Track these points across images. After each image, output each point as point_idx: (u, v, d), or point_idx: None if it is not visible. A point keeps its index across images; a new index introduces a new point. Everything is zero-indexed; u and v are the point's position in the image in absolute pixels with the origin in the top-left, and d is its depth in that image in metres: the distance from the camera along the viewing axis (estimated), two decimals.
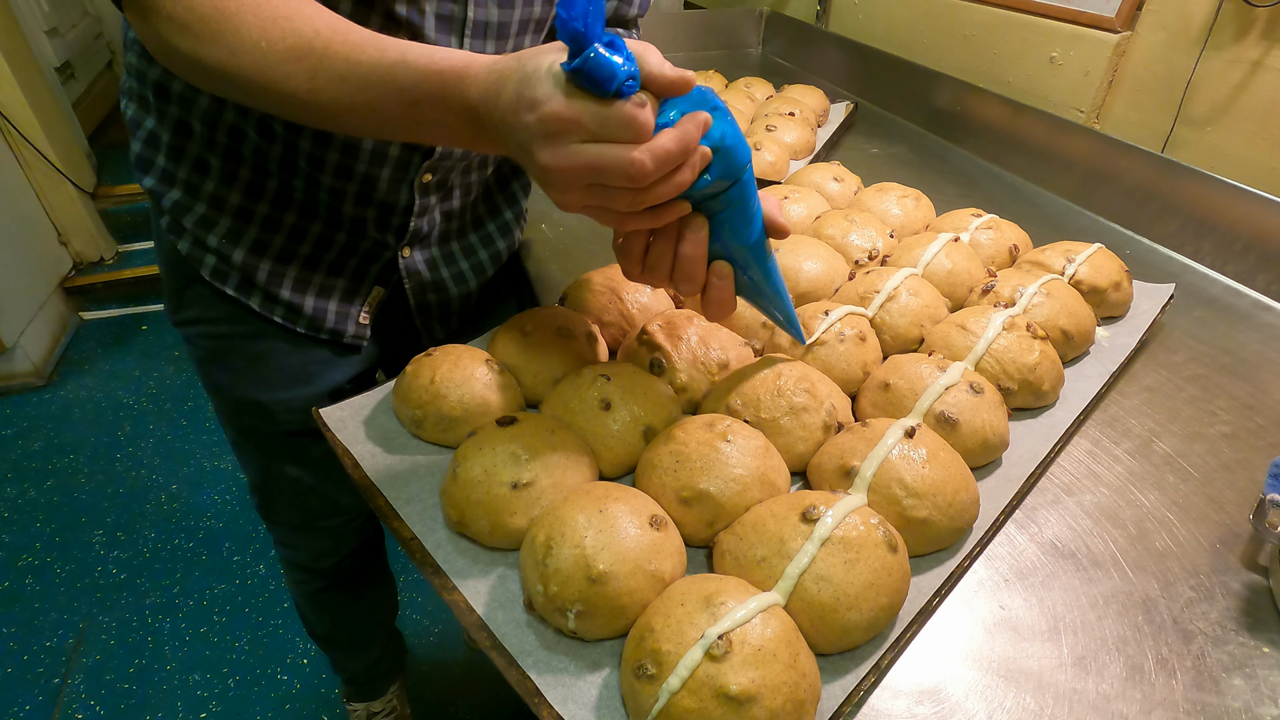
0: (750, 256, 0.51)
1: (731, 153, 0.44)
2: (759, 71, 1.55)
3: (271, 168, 0.64)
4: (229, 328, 0.70)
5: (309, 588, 0.97)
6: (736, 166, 0.45)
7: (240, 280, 0.67)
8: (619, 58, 0.38)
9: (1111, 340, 0.72)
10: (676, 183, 0.42)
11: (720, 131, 0.44)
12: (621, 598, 0.43)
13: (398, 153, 0.63)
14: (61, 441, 1.86)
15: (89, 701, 1.31)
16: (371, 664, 1.15)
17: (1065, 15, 1.13)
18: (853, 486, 0.50)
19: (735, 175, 0.45)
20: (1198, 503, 0.57)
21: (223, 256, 0.66)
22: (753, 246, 0.50)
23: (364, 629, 1.10)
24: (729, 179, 0.45)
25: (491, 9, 0.59)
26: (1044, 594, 0.49)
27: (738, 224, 0.48)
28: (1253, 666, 0.45)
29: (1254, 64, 0.92)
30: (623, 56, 0.39)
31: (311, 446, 0.77)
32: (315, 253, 0.68)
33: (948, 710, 0.43)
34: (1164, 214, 0.94)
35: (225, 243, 0.65)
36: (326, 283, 0.70)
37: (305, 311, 0.69)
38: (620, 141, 0.40)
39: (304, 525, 0.88)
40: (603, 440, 0.54)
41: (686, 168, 0.42)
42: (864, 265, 0.76)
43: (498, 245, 0.81)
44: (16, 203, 2.11)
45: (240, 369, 0.72)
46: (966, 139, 1.23)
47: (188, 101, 0.61)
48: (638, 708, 0.39)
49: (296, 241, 0.67)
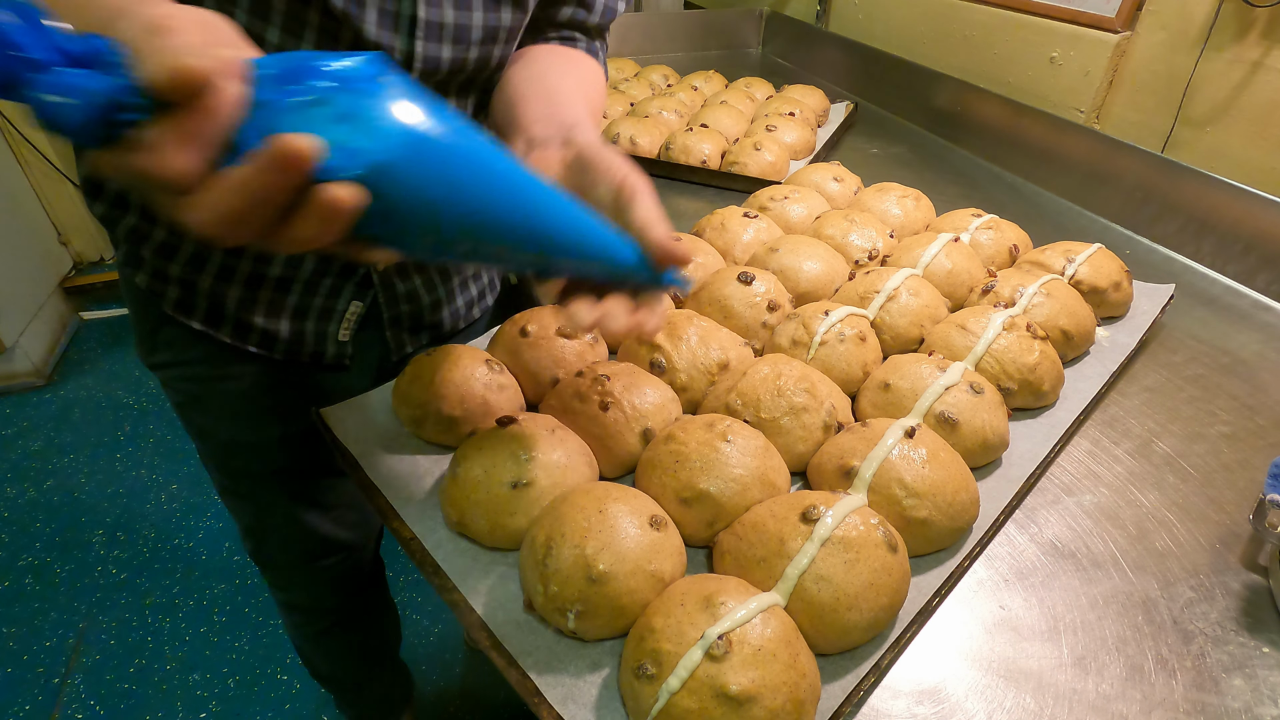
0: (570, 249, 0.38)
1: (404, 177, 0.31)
2: (759, 71, 1.55)
3: None
4: (206, 369, 0.66)
5: (310, 629, 0.94)
6: (367, 149, 0.30)
7: (208, 310, 0.63)
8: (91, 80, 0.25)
9: (1111, 340, 0.72)
10: (295, 240, 0.31)
11: (379, 150, 0.30)
12: (621, 598, 0.43)
13: None
14: (61, 441, 1.86)
15: (89, 701, 1.31)
16: (379, 699, 1.12)
17: (1065, 15, 1.13)
18: (853, 486, 0.50)
19: (370, 158, 0.30)
20: (1198, 503, 0.57)
21: (186, 286, 0.61)
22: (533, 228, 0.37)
23: (368, 666, 1.06)
24: (369, 161, 0.30)
25: (447, 10, 0.54)
26: (1044, 594, 0.49)
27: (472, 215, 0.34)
28: (1253, 666, 0.45)
29: (1254, 64, 0.92)
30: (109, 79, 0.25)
31: (306, 482, 0.74)
32: (286, 273, 0.63)
33: (948, 710, 0.43)
34: (1164, 214, 0.94)
35: (189, 270, 0.61)
36: (301, 303, 0.65)
37: (282, 336, 0.65)
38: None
39: (302, 565, 0.84)
40: (603, 440, 0.54)
41: (310, 220, 0.30)
42: (864, 265, 0.76)
43: (470, 290, 0.78)
44: (16, 203, 2.11)
45: (222, 410, 0.69)
46: (966, 139, 1.23)
47: None
48: (638, 708, 0.39)
49: (264, 264, 0.62)
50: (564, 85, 0.58)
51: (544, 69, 0.61)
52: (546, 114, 0.52)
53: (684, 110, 1.23)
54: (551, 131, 0.50)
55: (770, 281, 0.68)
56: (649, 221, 0.42)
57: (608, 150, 0.46)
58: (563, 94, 0.56)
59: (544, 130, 0.50)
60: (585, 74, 0.63)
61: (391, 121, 0.30)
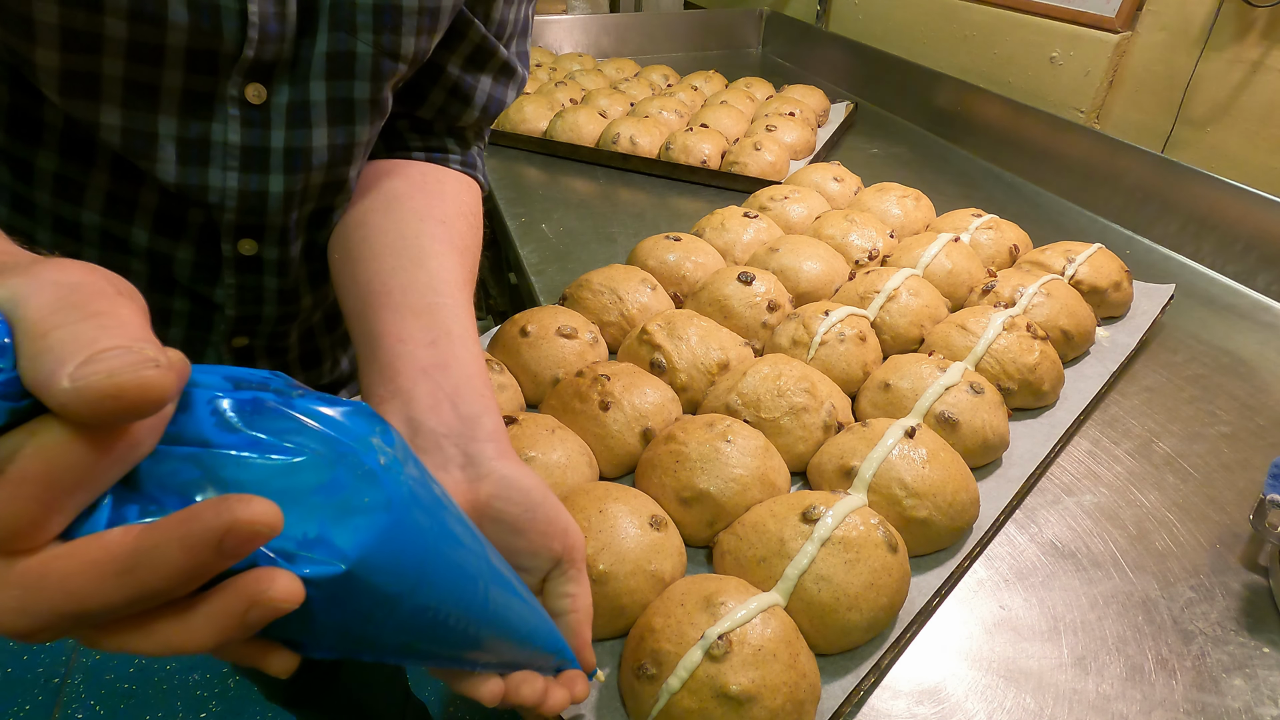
0: (476, 642, 0.29)
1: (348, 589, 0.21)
2: (759, 71, 1.55)
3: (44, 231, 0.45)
4: None
5: (293, 690, 0.86)
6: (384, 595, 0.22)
7: None
8: None
9: (1111, 340, 0.72)
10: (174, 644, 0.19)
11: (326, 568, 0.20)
12: (621, 598, 0.43)
13: (184, 307, 0.49)
14: None
15: (89, 701, 1.31)
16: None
17: (1065, 15, 1.13)
18: (853, 486, 0.50)
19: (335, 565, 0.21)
20: (1198, 503, 0.57)
21: None
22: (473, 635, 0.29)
23: (376, 710, 0.99)
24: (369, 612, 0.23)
25: (274, 132, 0.43)
26: (1044, 594, 0.49)
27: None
28: (1253, 666, 0.45)
29: (1254, 64, 0.92)
30: None
31: None
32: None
33: (948, 710, 0.43)
34: (1164, 214, 0.94)
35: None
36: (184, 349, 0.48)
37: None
38: None
39: None
40: (603, 440, 0.54)
41: (201, 622, 0.19)
42: (864, 265, 0.76)
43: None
44: None
45: None
46: (966, 139, 1.23)
47: None
48: (638, 708, 0.39)
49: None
50: (442, 269, 0.43)
51: (404, 222, 0.46)
52: (430, 365, 0.38)
53: (684, 110, 1.23)
54: (444, 428, 0.36)
55: (770, 281, 0.68)
56: (584, 613, 0.37)
57: (532, 486, 0.36)
58: (444, 300, 0.41)
59: (434, 420, 0.36)
60: (461, 231, 0.48)
61: (382, 508, 0.21)
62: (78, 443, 0.16)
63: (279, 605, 0.19)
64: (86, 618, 0.18)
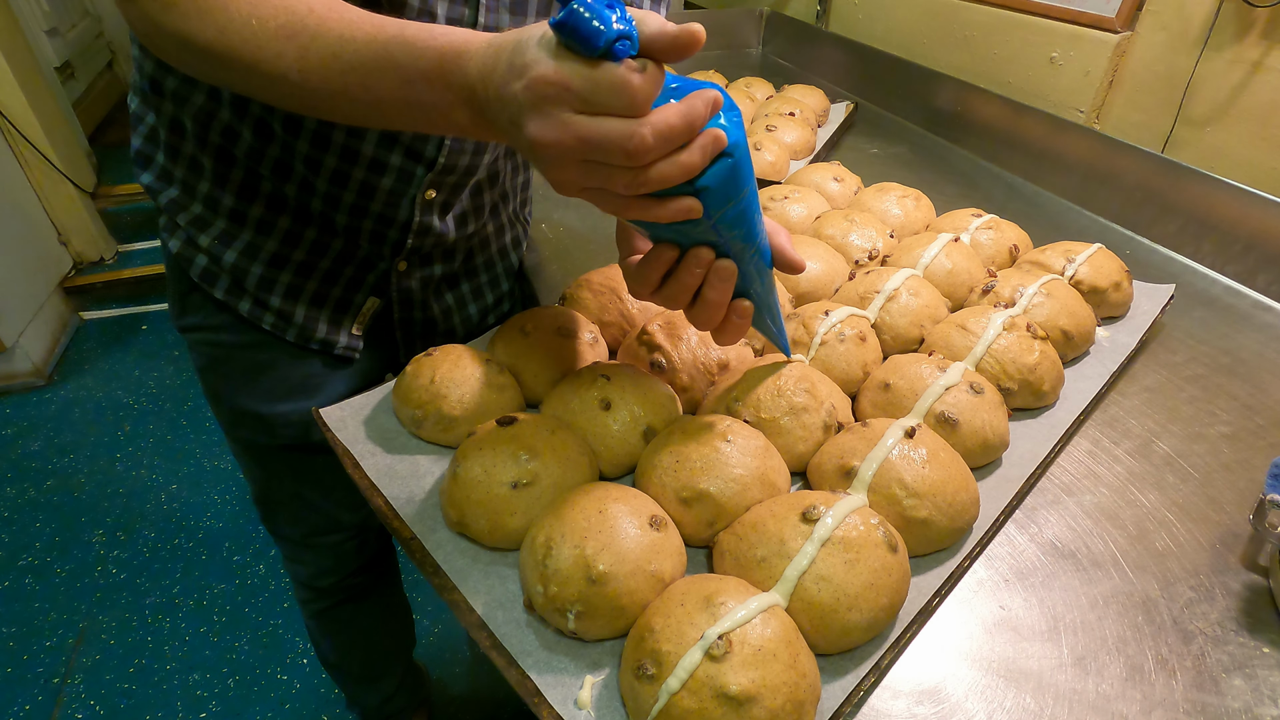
0: (756, 275, 0.49)
1: (742, 165, 0.41)
2: (759, 71, 1.55)
3: (265, 170, 0.61)
4: (229, 336, 0.69)
5: (313, 606, 0.96)
6: (745, 179, 0.42)
7: (230, 284, 0.65)
8: (612, 12, 0.34)
9: (1111, 340, 0.72)
10: (682, 164, 0.37)
11: (735, 138, 0.39)
12: (621, 598, 0.43)
13: (399, 162, 0.61)
14: (61, 441, 1.86)
15: (89, 701, 1.31)
16: (386, 698, 1.11)
17: (1065, 15, 1.13)
18: (853, 486, 0.50)
19: (743, 188, 0.42)
20: (1198, 503, 0.57)
21: (214, 258, 0.64)
22: (758, 267, 0.49)
23: (375, 658, 1.06)
24: (737, 193, 0.41)
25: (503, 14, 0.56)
26: (1044, 594, 0.49)
27: (746, 243, 0.46)
28: (1253, 666, 0.45)
29: (1254, 64, 0.92)
30: (617, 13, 0.34)
31: (310, 461, 0.75)
32: (309, 259, 0.65)
33: (948, 710, 0.43)
34: (1164, 214, 0.94)
35: (217, 244, 0.63)
36: (320, 291, 0.67)
37: (295, 320, 0.67)
38: (613, 111, 0.35)
39: (305, 540, 0.86)
40: (603, 440, 0.54)
41: (695, 149, 0.37)
42: (864, 265, 0.76)
43: (486, 299, 0.80)
44: (16, 203, 2.11)
45: (239, 379, 0.71)
46: (966, 139, 1.23)
47: (181, 98, 0.59)
48: (638, 708, 0.39)
49: (290, 247, 0.64)
50: None
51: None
52: None
53: None
54: None
55: None
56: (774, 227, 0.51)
57: None
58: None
59: None
60: None
61: (737, 124, 0.40)
62: (659, 73, 0.36)
63: (722, 141, 0.38)
64: (670, 136, 0.36)
